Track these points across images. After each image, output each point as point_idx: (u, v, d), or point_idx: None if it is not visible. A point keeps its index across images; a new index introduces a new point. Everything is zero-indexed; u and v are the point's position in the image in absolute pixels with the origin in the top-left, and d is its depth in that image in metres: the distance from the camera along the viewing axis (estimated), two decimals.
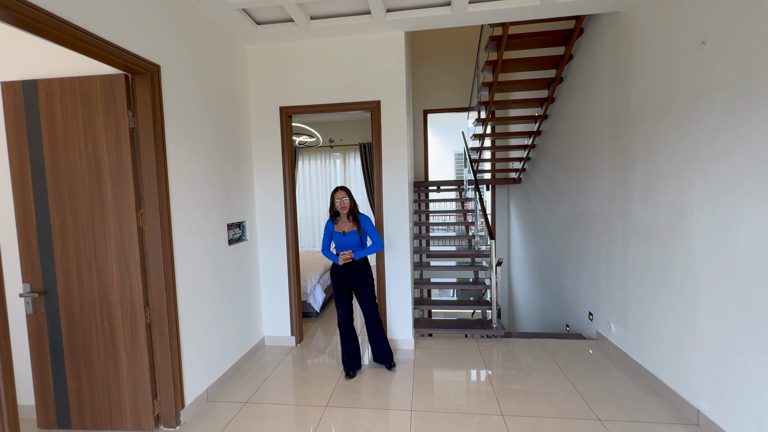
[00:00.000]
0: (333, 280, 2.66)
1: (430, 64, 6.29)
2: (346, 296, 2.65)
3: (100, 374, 2.03)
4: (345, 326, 2.67)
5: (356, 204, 2.65)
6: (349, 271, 2.59)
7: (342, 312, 2.66)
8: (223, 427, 2.10)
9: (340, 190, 2.58)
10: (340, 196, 2.56)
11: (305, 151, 6.49)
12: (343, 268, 2.59)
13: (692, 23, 2.01)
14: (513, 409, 2.20)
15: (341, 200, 2.55)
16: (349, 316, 2.68)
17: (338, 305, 2.66)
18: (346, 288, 2.65)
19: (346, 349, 2.69)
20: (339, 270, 2.61)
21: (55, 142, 1.93)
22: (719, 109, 1.85)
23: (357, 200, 6.91)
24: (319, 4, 2.53)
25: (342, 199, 2.55)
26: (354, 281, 2.61)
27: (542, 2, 2.46)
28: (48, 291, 1.99)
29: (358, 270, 2.60)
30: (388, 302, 3.10)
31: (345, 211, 2.58)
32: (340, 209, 2.57)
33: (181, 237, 2.17)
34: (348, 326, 2.67)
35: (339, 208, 2.57)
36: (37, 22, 1.42)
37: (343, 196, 2.56)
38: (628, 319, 2.69)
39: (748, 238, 1.70)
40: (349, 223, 2.61)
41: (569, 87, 3.59)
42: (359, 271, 2.61)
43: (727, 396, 1.84)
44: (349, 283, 2.64)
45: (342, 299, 2.64)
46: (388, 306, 3.11)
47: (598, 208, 3.07)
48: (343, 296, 2.64)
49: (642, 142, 2.47)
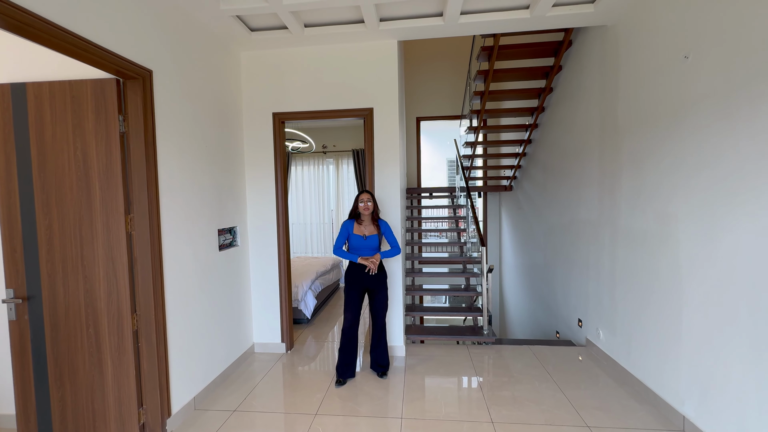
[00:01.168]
0: (349, 283, 2.64)
1: (423, 71, 6.36)
2: (360, 300, 2.65)
3: (85, 382, 1.98)
4: (350, 331, 2.63)
5: (378, 208, 2.70)
6: (368, 275, 2.60)
7: (351, 316, 2.63)
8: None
9: (365, 192, 2.63)
10: (365, 198, 2.60)
11: (298, 157, 6.49)
12: (362, 272, 2.60)
13: (675, 38, 2.08)
14: (503, 416, 2.21)
15: (365, 202, 2.59)
16: (357, 321, 2.66)
17: (349, 309, 2.63)
18: (362, 292, 2.65)
19: (345, 354, 2.65)
20: (358, 273, 2.61)
21: (44, 145, 1.91)
22: (702, 123, 1.90)
23: (350, 206, 6.91)
24: (314, 13, 2.56)
25: (367, 202, 2.59)
26: (374, 284, 2.63)
27: (532, 15, 2.52)
28: (32, 297, 1.95)
29: (377, 274, 2.64)
30: None
31: (368, 213, 2.61)
32: (363, 211, 2.60)
33: (171, 242, 2.15)
34: (353, 331, 2.65)
35: (362, 210, 2.60)
36: (28, 26, 1.42)
37: (368, 199, 2.60)
38: (616, 326, 2.72)
39: (730, 248, 1.75)
40: (371, 226, 2.65)
41: (559, 97, 3.67)
42: (379, 274, 2.65)
43: (711, 402, 1.87)
44: (367, 287, 2.64)
45: (355, 303, 2.63)
46: None
47: (587, 215, 3.12)
48: (357, 300, 2.63)
49: (629, 152, 2.52)
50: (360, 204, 2.60)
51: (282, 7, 2.38)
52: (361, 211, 2.61)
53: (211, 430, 2.12)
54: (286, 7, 2.37)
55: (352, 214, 2.67)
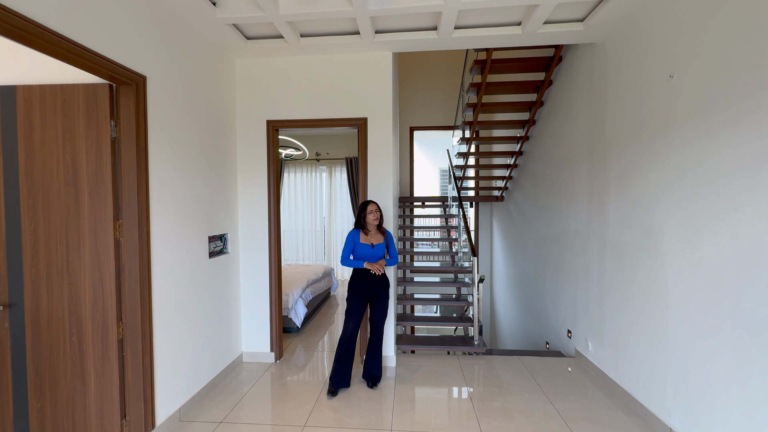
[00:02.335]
0: (353, 291, 2.62)
1: (418, 82, 6.45)
2: (363, 309, 2.64)
3: (66, 392, 1.92)
4: (350, 341, 2.60)
5: (383, 217, 2.73)
6: (374, 283, 2.61)
7: (354, 325, 2.60)
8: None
9: (373, 203, 2.65)
10: (373, 209, 2.62)
11: (291, 164, 6.48)
12: (369, 280, 2.60)
13: (661, 57, 2.15)
14: (492, 427, 2.20)
15: (374, 212, 2.61)
16: (358, 330, 2.63)
17: (351, 318, 2.60)
18: (365, 301, 2.65)
19: (342, 365, 2.61)
20: (364, 282, 2.61)
21: (32, 149, 1.88)
22: (686, 140, 1.96)
23: (342, 214, 6.89)
24: (310, 23, 2.59)
25: (374, 211, 2.62)
26: (377, 293, 2.64)
27: (523, 31, 2.59)
28: (14, 304, 1.90)
29: (383, 282, 2.66)
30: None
31: (376, 223, 2.64)
32: (372, 221, 2.62)
33: (160, 249, 2.12)
34: (353, 341, 2.62)
35: (371, 220, 2.62)
36: (20, 30, 1.41)
37: (376, 209, 2.63)
38: (604, 337, 2.75)
39: (712, 261, 1.79)
40: (378, 235, 2.67)
41: (549, 111, 3.75)
42: (383, 283, 2.67)
43: (697, 413, 1.89)
44: (370, 296, 2.64)
45: (358, 311, 2.61)
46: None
47: (576, 227, 3.17)
48: (360, 308, 2.61)
49: (616, 166, 2.58)
50: (369, 215, 2.62)
51: (279, 17, 2.40)
52: (370, 221, 2.62)
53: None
54: (282, 17, 2.40)
55: (358, 223, 2.67)
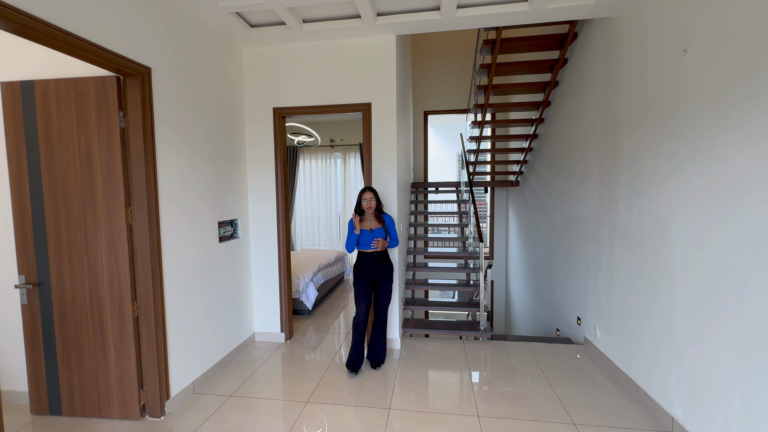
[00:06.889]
0: (357, 276, 2.73)
1: (432, 65, 6.30)
2: (370, 291, 2.74)
3: (90, 364, 2.11)
4: (362, 324, 2.71)
5: (381, 203, 2.78)
6: (376, 266, 2.70)
7: (365, 308, 2.70)
8: (206, 418, 2.17)
9: (367, 190, 2.70)
10: (367, 196, 2.68)
11: (306, 151, 6.56)
12: (370, 263, 2.69)
13: (676, 29, 2.01)
14: (490, 410, 2.23)
15: (368, 200, 2.67)
16: (368, 313, 2.73)
17: (360, 301, 2.70)
18: (370, 284, 2.74)
19: (358, 346, 2.72)
20: (365, 266, 2.71)
21: (51, 140, 2.02)
22: (697, 120, 1.85)
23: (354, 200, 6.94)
24: (311, 8, 2.59)
25: (369, 200, 2.67)
26: (379, 275, 2.73)
27: (531, 8, 2.48)
28: (42, 283, 2.08)
29: (384, 265, 2.74)
30: None
31: (371, 211, 2.69)
32: (366, 209, 2.68)
33: (170, 233, 2.24)
34: (365, 323, 2.72)
35: (365, 207, 2.68)
36: (29, 28, 1.50)
37: (371, 197, 2.68)
38: (612, 324, 2.69)
39: (720, 249, 1.70)
40: (375, 221, 2.73)
41: (564, 91, 3.59)
42: (385, 265, 2.75)
43: (699, 403, 1.84)
44: (374, 279, 2.74)
45: (365, 294, 2.71)
46: None
47: (588, 213, 3.07)
48: (366, 291, 2.72)
49: (628, 149, 2.47)
50: (363, 202, 2.68)
51: (278, 3, 2.41)
52: (365, 209, 2.68)
53: (207, 413, 2.23)
54: (282, 3, 2.40)
55: (357, 210, 2.73)
